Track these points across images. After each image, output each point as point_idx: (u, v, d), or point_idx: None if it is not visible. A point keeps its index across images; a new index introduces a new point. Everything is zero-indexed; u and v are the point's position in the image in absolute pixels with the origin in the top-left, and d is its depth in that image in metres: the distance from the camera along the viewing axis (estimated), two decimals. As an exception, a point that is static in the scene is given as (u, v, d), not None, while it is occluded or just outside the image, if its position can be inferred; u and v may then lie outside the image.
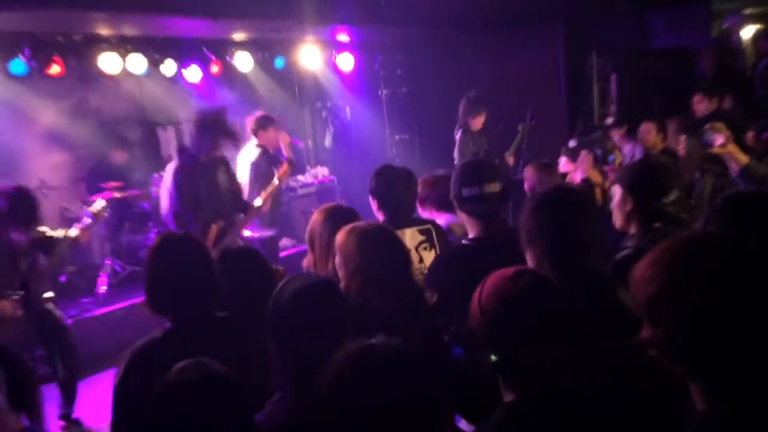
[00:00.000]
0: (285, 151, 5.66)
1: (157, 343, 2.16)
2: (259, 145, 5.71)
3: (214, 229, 4.54)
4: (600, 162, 4.86)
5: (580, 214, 2.13)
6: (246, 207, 4.92)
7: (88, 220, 4.38)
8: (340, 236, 2.39)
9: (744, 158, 3.33)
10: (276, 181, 5.07)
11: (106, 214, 4.60)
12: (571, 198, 2.22)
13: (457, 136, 6.54)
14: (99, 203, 4.52)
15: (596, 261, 2.15)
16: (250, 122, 5.78)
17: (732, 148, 3.35)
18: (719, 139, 3.38)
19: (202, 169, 4.58)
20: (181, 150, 4.67)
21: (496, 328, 1.59)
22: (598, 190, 4.60)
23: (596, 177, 4.74)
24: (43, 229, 4.30)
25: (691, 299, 1.17)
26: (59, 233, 4.34)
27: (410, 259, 2.50)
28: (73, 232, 4.33)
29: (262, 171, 5.55)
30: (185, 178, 4.49)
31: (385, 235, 2.41)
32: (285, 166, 5.28)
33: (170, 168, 4.60)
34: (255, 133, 5.76)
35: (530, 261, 2.15)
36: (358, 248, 2.30)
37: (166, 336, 2.18)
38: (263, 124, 5.75)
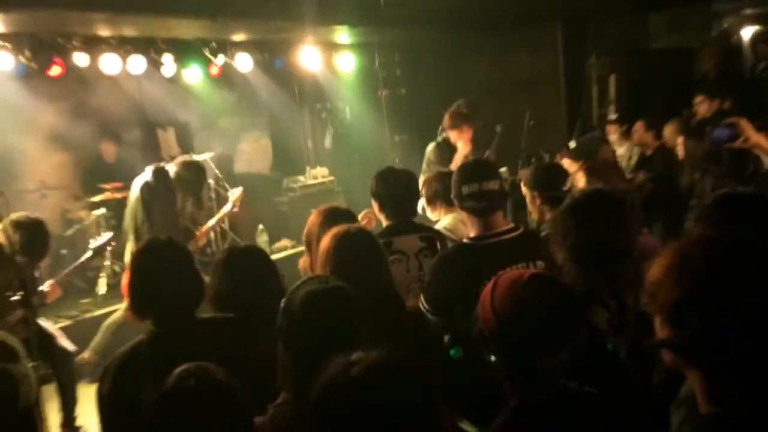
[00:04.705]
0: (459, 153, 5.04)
1: (142, 350, 2.16)
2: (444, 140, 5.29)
3: None
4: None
5: (610, 217, 2.14)
6: (190, 235, 5.15)
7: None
8: (324, 240, 2.42)
9: None
10: (229, 206, 5.29)
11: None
12: (606, 201, 2.22)
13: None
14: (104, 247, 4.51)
15: (622, 265, 2.13)
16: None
17: (758, 140, 3.17)
18: (742, 135, 3.22)
19: (167, 191, 5.00)
20: (158, 171, 5.03)
21: (510, 334, 1.59)
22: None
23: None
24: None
25: (719, 302, 1.18)
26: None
27: (387, 263, 2.51)
28: (45, 288, 4.09)
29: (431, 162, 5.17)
30: (150, 195, 4.96)
31: (362, 238, 2.42)
32: (241, 192, 5.47)
33: (137, 182, 5.06)
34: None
35: (559, 257, 2.17)
36: (334, 249, 2.34)
37: (150, 342, 2.18)
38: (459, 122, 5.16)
